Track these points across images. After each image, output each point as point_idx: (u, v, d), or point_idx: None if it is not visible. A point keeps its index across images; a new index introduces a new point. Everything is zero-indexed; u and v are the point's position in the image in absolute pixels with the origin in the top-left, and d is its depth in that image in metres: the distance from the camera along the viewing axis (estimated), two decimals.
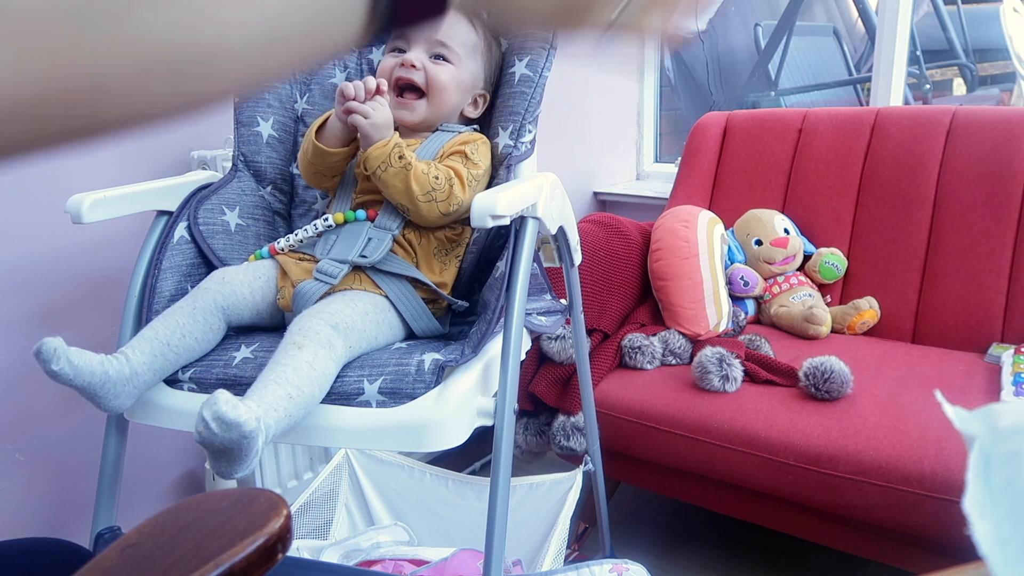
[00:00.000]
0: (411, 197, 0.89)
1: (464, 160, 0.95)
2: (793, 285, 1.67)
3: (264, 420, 0.67)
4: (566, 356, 1.43)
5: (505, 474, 0.78)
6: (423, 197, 0.89)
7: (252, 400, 0.68)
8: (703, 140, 1.93)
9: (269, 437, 0.68)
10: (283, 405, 0.70)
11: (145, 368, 0.79)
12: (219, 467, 0.65)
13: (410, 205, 0.90)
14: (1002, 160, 1.54)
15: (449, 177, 0.91)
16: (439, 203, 0.90)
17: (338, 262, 0.89)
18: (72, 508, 1.21)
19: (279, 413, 0.69)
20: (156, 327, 0.83)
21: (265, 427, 0.67)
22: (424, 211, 0.91)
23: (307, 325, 0.78)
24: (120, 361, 0.77)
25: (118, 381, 0.76)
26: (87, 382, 0.74)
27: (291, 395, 0.71)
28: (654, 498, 1.78)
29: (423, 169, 0.89)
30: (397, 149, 0.88)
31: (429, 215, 0.91)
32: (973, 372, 1.37)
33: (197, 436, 0.64)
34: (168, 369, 0.83)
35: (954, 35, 2.85)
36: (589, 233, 1.60)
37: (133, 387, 0.78)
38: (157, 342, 0.81)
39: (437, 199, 0.90)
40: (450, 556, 1.13)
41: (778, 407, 1.27)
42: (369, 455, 1.40)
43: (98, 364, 0.75)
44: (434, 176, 0.90)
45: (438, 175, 0.90)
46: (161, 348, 0.81)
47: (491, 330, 0.82)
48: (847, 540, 1.26)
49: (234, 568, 0.35)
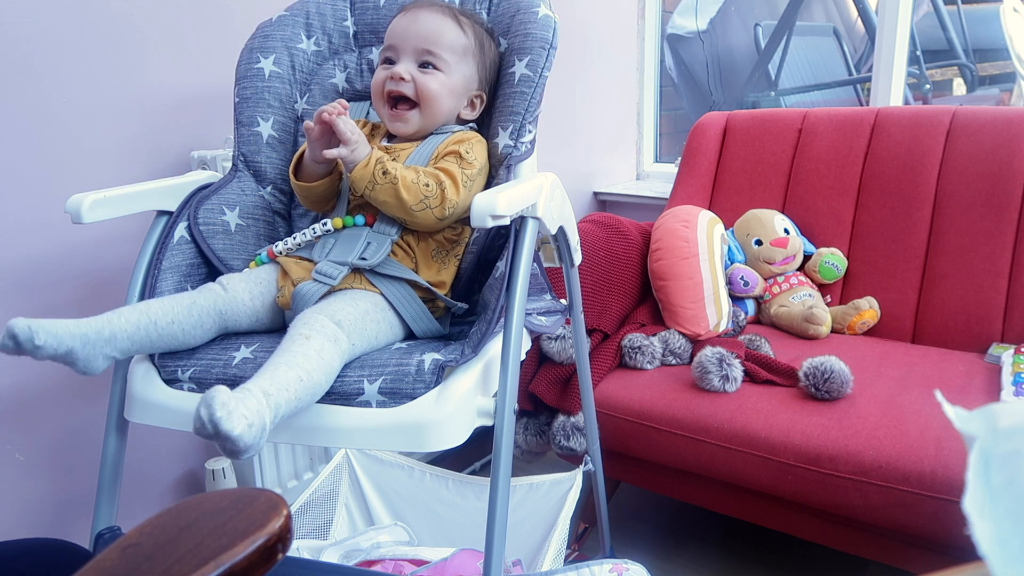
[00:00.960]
0: (405, 209, 0.89)
1: (458, 160, 0.94)
2: (793, 285, 1.67)
3: (275, 399, 0.67)
4: (566, 356, 1.43)
5: (505, 474, 0.78)
6: (417, 206, 0.89)
7: (264, 379, 0.69)
8: (703, 140, 1.93)
9: (278, 417, 0.68)
10: (294, 387, 0.70)
11: (126, 336, 0.79)
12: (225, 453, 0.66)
13: (406, 216, 0.91)
14: (1002, 160, 1.54)
15: (440, 181, 0.90)
16: (433, 209, 0.90)
17: (337, 264, 0.90)
18: (72, 508, 1.21)
19: (290, 394, 0.70)
20: (151, 303, 0.83)
21: (274, 406, 0.67)
22: (420, 220, 0.91)
23: (312, 319, 0.79)
24: (101, 322, 0.77)
25: (97, 342, 0.76)
26: (69, 347, 0.74)
27: (302, 378, 0.72)
28: (654, 498, 1.78)
29: (412, 179, 0.89)
30: (379, 165, 0.88)
31: (426, 222, 0.92)
32: (973, 372, 1.37)
33: (195, 430, 0.64)
34: (147, 346, 0.82)
35: (954, 35, 2.85)
36: (589, 233, 1.60)
37: (111, 350, 0.78)
38: (146, 317, 0.81)
39: (431, 205, 0.90)
40: (450, 556, 1.13)
41: (778, 407, 1.27)
42: (369, 455, 1.40)
43: (74, 327, 0.75)
44: (424, 183, 0.89)
45: (428, 182, 0.90)
46: (147, 324, 0.80)
47: (491, 330, 0.82)
48: (847, 540, 1.26)
49: (235, 568, 0.35)
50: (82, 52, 1.13)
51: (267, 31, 1.09)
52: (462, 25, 1.00)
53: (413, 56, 0.98)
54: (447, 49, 0.98)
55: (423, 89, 0.97)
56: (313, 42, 1.12)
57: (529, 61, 0.99)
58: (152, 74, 1.21)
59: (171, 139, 1.26)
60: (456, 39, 0.99)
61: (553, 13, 1.01)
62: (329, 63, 1.13)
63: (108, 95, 1.17)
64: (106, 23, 1.15)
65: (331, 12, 1.13)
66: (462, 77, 1.00)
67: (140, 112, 1.21)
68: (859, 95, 2.81)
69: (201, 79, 1.28)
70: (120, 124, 1.19)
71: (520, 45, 1.00)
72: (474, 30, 1.01)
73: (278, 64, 1.08)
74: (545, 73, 0.99)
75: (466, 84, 1.01)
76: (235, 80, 1.08)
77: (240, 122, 1.07)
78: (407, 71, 0.97)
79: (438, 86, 0.98)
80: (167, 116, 1.24)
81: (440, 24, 0.99)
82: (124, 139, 1.20)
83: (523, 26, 1.01)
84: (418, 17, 0.99)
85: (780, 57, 2.86)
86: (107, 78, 1.16)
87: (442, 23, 0.99)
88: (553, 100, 1.98)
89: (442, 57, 0.98)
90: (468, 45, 1.00)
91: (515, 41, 1.02)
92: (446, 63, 0.98)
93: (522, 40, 1.00)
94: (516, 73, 1.00)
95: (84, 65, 1.13)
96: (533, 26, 1.00)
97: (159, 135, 1.24)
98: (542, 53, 0.99)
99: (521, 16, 1.02)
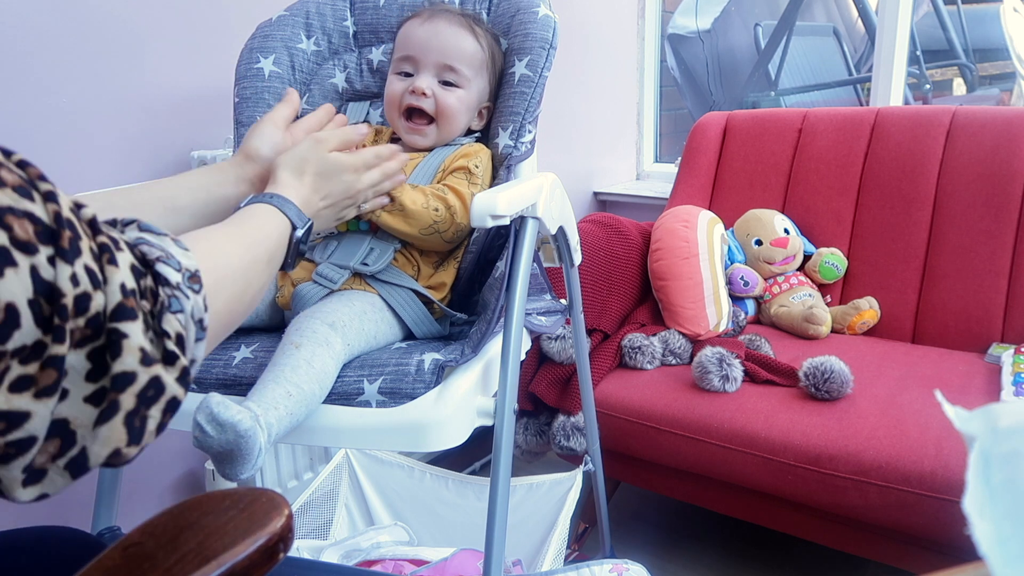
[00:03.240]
0: (413, 236, 0.89)
1: (468, 176, 0.94)
2: (793, 285, 1.67)
3: (265, 419, 0.67)
4: (566, 356, 1.43)
5: (505, 474, 0.78)
6: (425, 231, 0.89)
7: (251, 402, 0.68)
8: (703, 140, 1.93)
9: (272, 436, 0.68)
10: (283, 403, 0.70)
11: None
12: (223, 470, 0.65)
13: (414, 241, 0.91)
14: (1002, 160, 1.54)
15: (449, 205, 0.90)
16: (443, 233, 0.90)
17: (339, 267, 0.89)
18: (72, 508, 1.21)
19: (280, 411, 0.69)
20: None
21: (266, 425, 0.67)
22: (429, 244, 0.92)
23: (304, 325, 0.78)
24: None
25: None
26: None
27: (290, 392, 0.71)
28: (654, 498, 1.79)
29: (422, 204, 0.88)
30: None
31: (433, 245, 0.92)
32: (973, 372, 1.37)
33: (195, 441, 0.64)
34: None
35: (954, 35, 2.85)
36: (589, 233, 1.60)
37: None
38: None
39: (440, 230, 0.90)
40: (450, 556, 1.13)
41: (778, 407, 1.27)
42: (369, 455, 1.40)
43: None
44: (433, 208, 0.89)
45: (437, 206, 0.89)
46: None
47: (491, 330, 0.82)
48: (847, 540, 1.26)
49: (236, 567, 0.35)
50: (82, 52, 1.13)
51: (267, 31, 1.09)
52: (479, 37, 0.99)
53: (434, 71, 0.97)
54: (467, 64, 0.97)
55: (444, 106, 0.97)
56: (313, 42, 1.12)
57: (529, 61, 0.99)
58: (152, 74, 1.21)
59: (171, 139, 1.26)
60: (475, 53, 0.98)
61: (553, 13, 1.01)
62: (329, 63, 1.13)
63: (108, 95, 1.17)
64: (106, 23, 1.15)
65: (331, 12, 1.13)
66: (477, 92, 1.00)
67: (140, 112, 1.21)
68: (859, 95, 2.81)
69: (201, 79, 1.28)
70: (120, 124, 1.19)
71: (520, 45, 1.00)
72: (487, 41, 1.00)
73: (278, 64, 1.08)
74: (545, 73, 0.99)
75: (480, 98, 1.01)
76: (235, 80, 1.08)
77: (240, 122, 1.07)
78: (429, 87, 0.96)
79: (457, 103, 0.97)
80: (167, 116, 1.24)
81: (460, 38, 0.98)
82: (124, 139, 1.20)
83: (523, 26, 1.01)
84: (439, 29, 0.98)
85: (780, 57, 2.86)
86: (107, 78, 1.16)
87: (462, 37, 0.98)
88: (553, 100, 1.98)
89: (463, 73, 0.97)
90: (484, 59, 0.99)
91: (515, 41, 1.02)
92: (466, 79, 0.98)
93: (522, 40, 1.00)
94: (516, 73, 1.00)
95: (84, 65, 1.13)
96: (533, 26, 1.00)
97: (159, 135, 1.24)
98: (542, 53, 0.99)
99: (521, 16, 1.02)
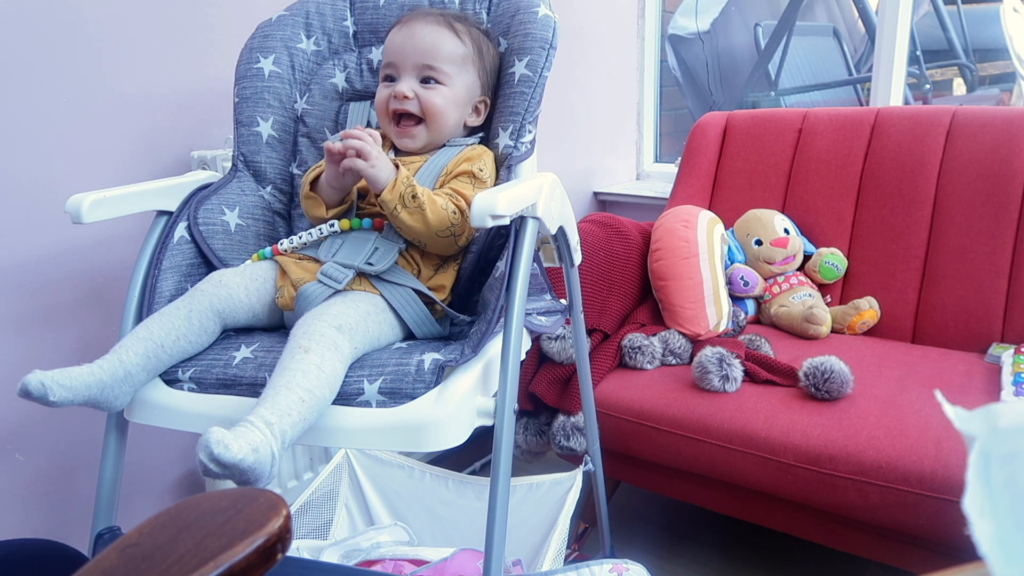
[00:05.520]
0: (428, 235, 0.90)
1: (472, 180, 0.94)
2: (793, 285, 1.67)
3: (279, 426, 0.67)
4: (566, 356, 1.43)
5: (505, 474, 0.78)
6: (443, 232, 0.90)
7: (264, 408, 0.68)
8: (703, 140, 1.93)
9: (286, 443, 0.68)
10: (296, 409, 0.70)
11: (139, 368, 0.80)
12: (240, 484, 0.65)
13: (427, 241, 0.91)
14: (1002, 160, 1.54)
15: (463, 210, 0.91)
16: (457, 237, 0.91)
17: (343, 267, 0.89)
18: (72, 508, 1.21)
19: (293, 417, 0.69)
20: (151, 327, 0.83)
21: (280, 433, 0.67)
22: (440, 245, 0.92)
23: (311, 328, 0.78)
24: (113, 363, 0.78)
25: (113, 384, 0.77)
26: (87, 396, 0.74)
27: (303, 399, 0.71)
28: (654, 498, 1.78)
29: (442, 204, 0.89)
30: (410, 189, 0.87)
31: (444, 248, 0.93)
32: (973, 372, 1.37)
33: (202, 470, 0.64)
34: (161, 368, 0.83)
35: (954, 35, 2.85)
36: (589, 233, 1.60)
37: (129, 387, 0.80)
38: (151, 343, 0.81)
39: (456, 233, 0.91)
40: (450, 556, 1.13)
41: (778, 407, 1.27)
42: (369, 455, 1.40)
43: (88, 375, 0.75)
44: (452, 211, 0.89)
45: (455, 209, 0.90)
46: (155, 349, 0.81)
47: (491, 330, 0.82)
48: (847, 540, 1.26)
49: (234, 568, 0.35)
50: (82, 52, 1.13)
51: (267, 31, 1.09)
52: (459, 33, 0.99)
53: (414, 72, 0.98)
54: (447, 61, 0.98)
55: (428, 105, 0.97)
56: (313, 42, 1.12)
57: (529, 61, 0.99)
58: (152, 74, 1.21)
59: (171, 139, 1.26)
60: (454, 49, 0.98)
61: (553, 13, 1.01)
62: (329, 63, 1.13)
63: (108, 95, 1.17)
64: (106, 23, 1.15)
65: (331, 12, 1.13)
66: (465, 87, 1.00)
67: (140, 112, 1.21)
68: (859, 95, 2.81)
69: (201, 79, 1.28)
70: (120, 124, 1.19)
71: (520, 45, 1.00)
72: (471, 36, 1.00)
73: (278, 64, 1.08)
74: (545, 73, 0.99)
75: (469, 92, 1.01)
76: (235, 80, 1.08)
77: (240, 122, 1.07)
78: (410, 89, 0.97)
79: (442, 100, 0.98)
80: (167, 116, 1.24)
81: (437, 36, 0.98)
82: (124, 139, 1.20)
83: (523, 26, 1.01)
84: (414, 31, 0.98)
85: (780, 57, 2.86)
86: (107, 78, 1.16)
87: (438, 35, 0.98)
88: (553, 100, 1.98)
89: (442, 70, 0.98)
90: (467, 53, 0.99)
91: (515, 41, 1.01)
92: (447, 75, 0.98)
93: (522, 40, 1.00)
94: (516, 73, 1.00)
95: (84, 65, 1.13)
96: (533, 26, 1.00)
97: (159, 135, 1.24)
98: (542, 53, 0.99)
99: (521, 16, 1.02)
